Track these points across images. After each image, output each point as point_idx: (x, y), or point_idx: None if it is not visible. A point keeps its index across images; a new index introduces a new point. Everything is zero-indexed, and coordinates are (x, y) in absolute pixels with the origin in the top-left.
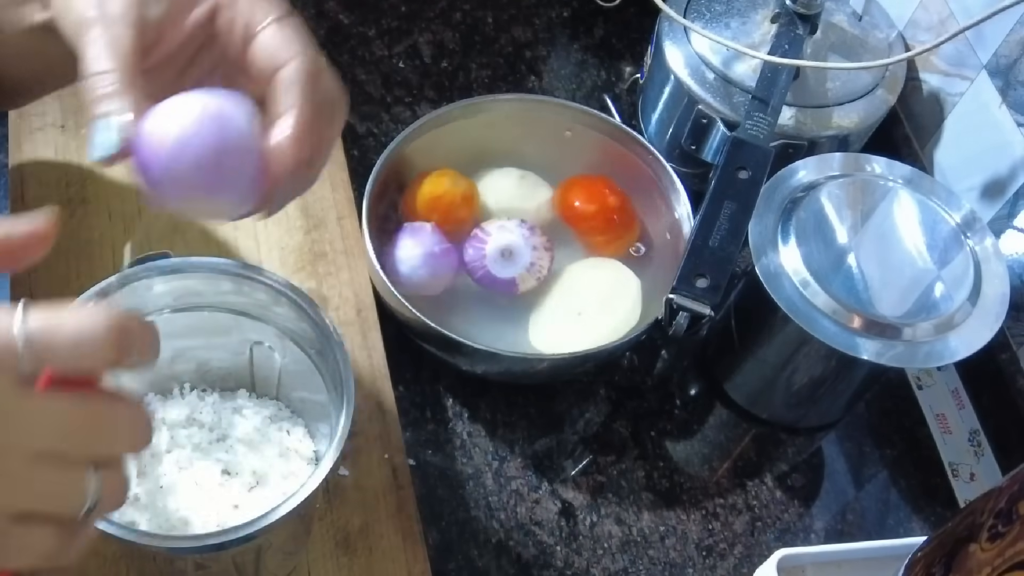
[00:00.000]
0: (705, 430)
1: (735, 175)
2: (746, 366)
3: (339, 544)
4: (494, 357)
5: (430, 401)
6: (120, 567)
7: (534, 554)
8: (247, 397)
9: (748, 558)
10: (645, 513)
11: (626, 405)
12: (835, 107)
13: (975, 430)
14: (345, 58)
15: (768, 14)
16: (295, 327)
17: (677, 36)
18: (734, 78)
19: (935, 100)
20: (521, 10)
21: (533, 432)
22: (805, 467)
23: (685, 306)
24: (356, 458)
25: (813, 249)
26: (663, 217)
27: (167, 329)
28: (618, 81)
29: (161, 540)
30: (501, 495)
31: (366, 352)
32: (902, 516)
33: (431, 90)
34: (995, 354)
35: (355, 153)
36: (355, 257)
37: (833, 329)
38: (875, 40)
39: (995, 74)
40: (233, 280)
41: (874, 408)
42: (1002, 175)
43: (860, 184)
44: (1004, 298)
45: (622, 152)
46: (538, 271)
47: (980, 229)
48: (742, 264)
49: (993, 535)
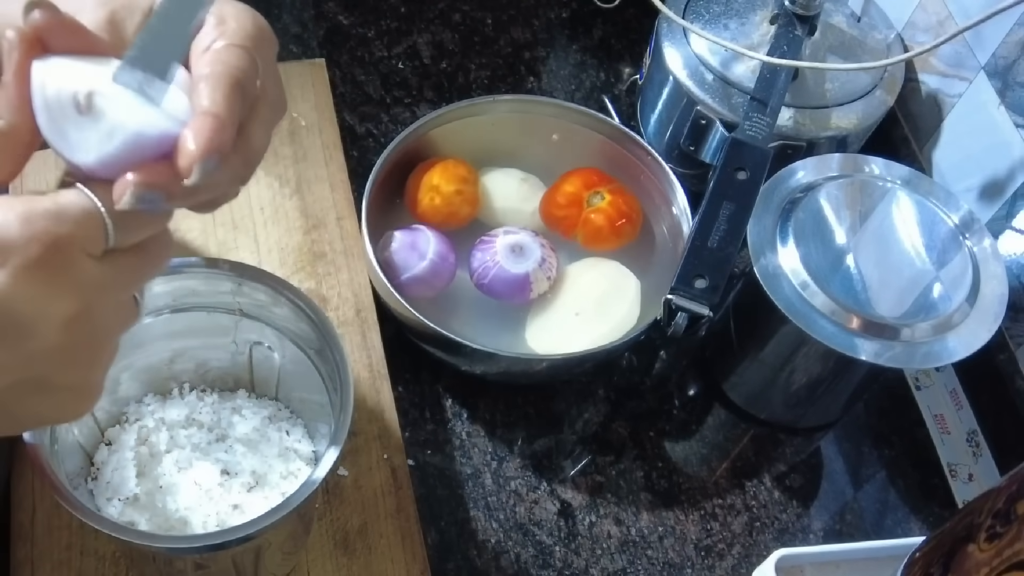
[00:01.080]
0: (704, 430)
1: (734, 176)
2: (745, 366)
3: (338, 544)
4: (493, 357)
5: (429, 401)
6: (120, 567)
7: (533, 554)
8: (246, 397)
9: (746, 558)
10: (644, 513)
11: (625, 405)
12: (834, 108)
13: (973, 430)
14: (344, 59)
15: (767, 15)
16: (294, 327)
17: (676, 37)
18: (733, 79)
19: (934, 101)
20: (520, 11)
21: (532, 432)
22: (803, 467)
23: (684, 306)
24: (355, 458)
25: (812, 250)
26: (662, 218)
27: (167, 329)
28: (617, 82)
29: (161, 540)
30: (500, 495)
31: (365, 352)
32: (900, 516)
33: (430, 91)
34: (993, 355)
35: (354, 154)
36: (354, 257)
37: (831, 330)
38: (874, 41)
39: (993, 75)
40: (232, 280)
41: (872, 408)
42: (1000, 176)
43: (859, 185)
44: (1002, 299)
45: (621, 153)
46: (549, 268)
47: (978, 230)
48: (741, 265)
49: (991, 535)
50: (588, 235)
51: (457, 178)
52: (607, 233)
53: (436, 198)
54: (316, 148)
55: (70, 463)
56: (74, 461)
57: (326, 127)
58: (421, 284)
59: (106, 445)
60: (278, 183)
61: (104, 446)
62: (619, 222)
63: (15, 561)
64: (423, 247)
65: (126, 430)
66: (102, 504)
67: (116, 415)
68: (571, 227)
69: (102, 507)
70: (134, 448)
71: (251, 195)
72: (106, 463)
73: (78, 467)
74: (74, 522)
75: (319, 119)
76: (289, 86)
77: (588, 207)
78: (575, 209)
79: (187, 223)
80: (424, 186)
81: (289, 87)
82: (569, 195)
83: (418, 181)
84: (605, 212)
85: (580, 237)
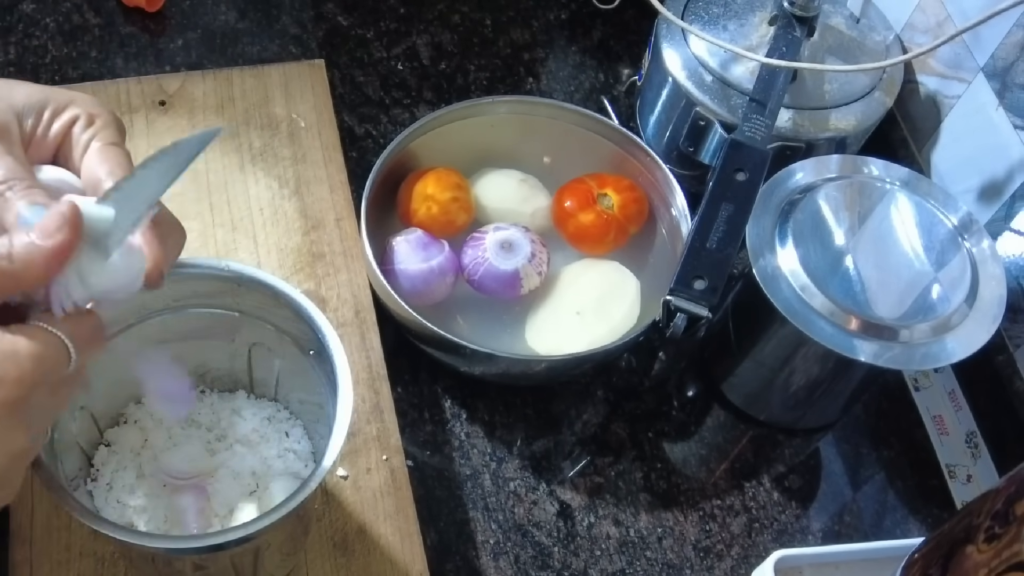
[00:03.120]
0: (703, 431)
1: (733, 177)
2: (743, 367)
3: (337, 545)
4: (492, 358)
5: (428, 402)
6: (119, 568)
7: (532, 555)
8: (246, 398)
9: (745, 559)
10: (643, 514)
11: (624, 406)
12: (832, 109)
13: (972, 432)
14: (344, 60)
15: (766, 16)
16: (293, 328)
17: (675, 38)
18: (732, 80)
19: (932, 102)
20: (519, 12)
21: (531, 433)
22: (802, 468)
23: (683, 307)
24: (354, 459)
25: (810, 251)
26: (661, 219)
27: (166, 330)
28: (616, 83)
29: (160, 541)
30: (499, 496)
31: (364, 353)
32: (899, 517)
33: (429, 92)
34: (992, 356)
35: (353, 155)
36: (353, 258)
37: (830, 331)
38: (872, 42)
39: (992, 76)
40: (231, 281)
41: (871, 410)
42: (999, 177)
43: (857, 186)
44: (1001, 300)
45: (620, 154)
46: (539, 264)
47: (977, 231)
48: (740, 266)
49: (990, 536)
50: (575, 232)
51: (451, 186)
52: (595, 235)
53: (433, 207)
54: (315, 149)
55: (69, 464)
56: (73, 462)
57: (325, 128)
58: (423, 297)
59: (105, 446)
60: (277, 184)
61: (103, 447)
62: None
63: (14, 562)
64: (426, 262)
65: (125, 431)
66: (101, 505)
67: (115, 416)
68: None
69: (101, 508)
70: (133, 449)
71: (250, 196)
72: (105, 464)
73: (77, 468)
74: (73, 523)
75: (318, 120)
76: (289, 87)
77: (598, 206)
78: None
79: (187, 224)
80: (418, 196)
81: (289, 88)
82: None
83: (410, 192)
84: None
85: (568, 233)
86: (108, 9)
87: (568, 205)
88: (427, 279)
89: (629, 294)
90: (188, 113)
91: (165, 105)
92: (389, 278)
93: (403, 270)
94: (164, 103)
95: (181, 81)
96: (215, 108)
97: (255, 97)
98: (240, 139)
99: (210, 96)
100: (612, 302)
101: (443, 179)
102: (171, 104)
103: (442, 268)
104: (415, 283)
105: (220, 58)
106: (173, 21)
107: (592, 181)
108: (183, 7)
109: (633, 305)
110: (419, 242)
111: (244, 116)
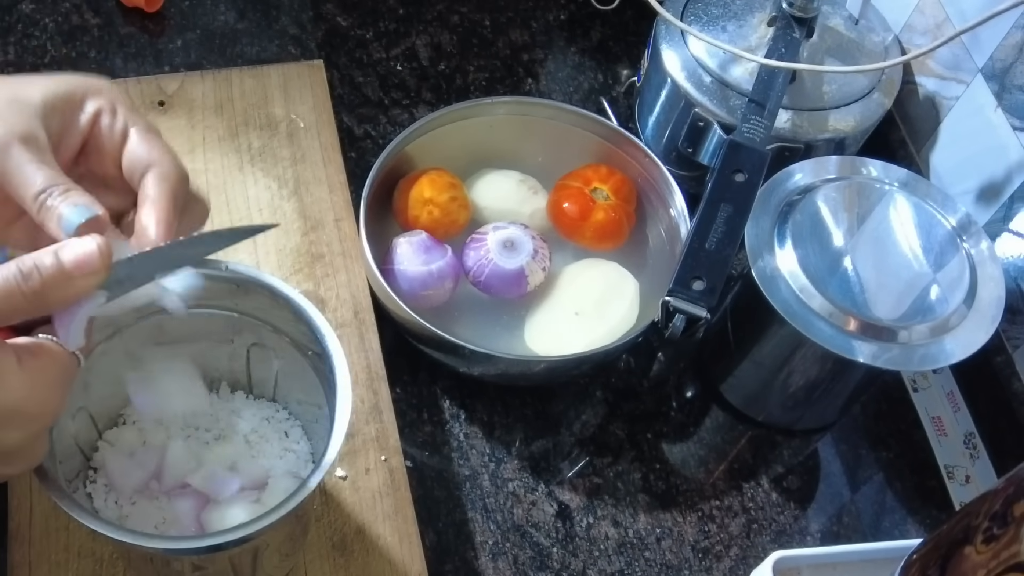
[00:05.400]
0: (701, 432)
1: (731, 178)
2: (742, 368)
3: (336, 546)
4: (491, 359)
5: (427, 403)
6: (117, 569)
7: (531, 555)
8: (244, 399)
9: (744, 560)
10: (641, 515)
11: (622, 407)
12: (831, 110)
13: (970, 433)
14: (343, 60)
15: (765, 17)
16: (292, 329)
17: (674, 39)
18: (731, 81)
19: (931, 103)
20: (518, 13)
21: (530, 434)
22: (801, 469)
23: (681, 308)
24: (353, 459)
25: (809, 252)
26: (660, 219)
27: (164, 331)
28: (615, 84)
29: (158, 541)
30: (498, 496)
31: (363, 354)
32: (897, 518)
33: (428, 92)
34: (991, 357)
35: (352, 155)
36: (353, 259)
37: (829, 332)
38: (871, 44)
39: (991, 78)
40: (230, 282)
41: (870, 411)
42: (998, 178)
43: (856, 187)
44: (1000, 301)
45: (619, 155)
46: (542, 259)
47: (976, 232)
48: (738, 267)
49: (988, 537)
50: (595, 234)
51: (447, 186)
52: (614, 229)
53: (434, 210)
54: (314, 150)
55: (68, 464)
56: (72, 462)
57: (324, 129)
58: (424, 300)
59: (104, 447)
60: (276, 184)
61: (102, 447)
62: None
63: (12, 563)
64: (427, 264)
65: (124, 431)
66: (100, 506)
67: (114, 417)
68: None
69: (100, 509)
70: (132, 449)
71: (249, 197)
72: (104, 465)
73: (76, 468)
74: (72, 524)
75: (317, 121)
76: (288, 88)
77: (594, 204)
78: (582, 207)
79: None
80: (415, 201)
81: (288, 89)
82: (574, 193)
83: (405, 198)
84: (609, 209)
85: (586, 238)
86: (107, 9)
87: (572, 213)
88: (425, 282)
89: (628, 295)
90: (187, 113)
91: (164, 105)
92: (388, 278)
93: (402, 271)
94: (163, 103)
95: (180, 81)
96: (214, 108)
97: (254, 97)
98: (239, 140)
99: (209, 96)
100: (611, 303)
101: (437, 181)
102: (170, 104)
103: (441, 272)
104: (413, 285)
105: (219, 58)
106: (172, 21)
107: (575, 182)
108: (182, 7)
109: (632, 306)
110: (422, 245)
111: (243, 116)
